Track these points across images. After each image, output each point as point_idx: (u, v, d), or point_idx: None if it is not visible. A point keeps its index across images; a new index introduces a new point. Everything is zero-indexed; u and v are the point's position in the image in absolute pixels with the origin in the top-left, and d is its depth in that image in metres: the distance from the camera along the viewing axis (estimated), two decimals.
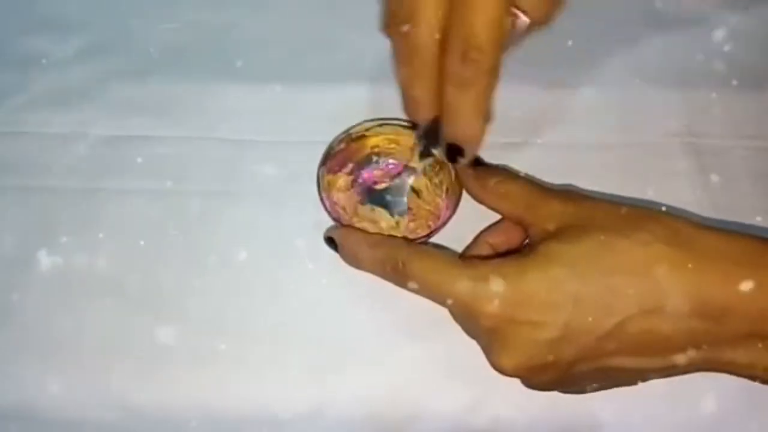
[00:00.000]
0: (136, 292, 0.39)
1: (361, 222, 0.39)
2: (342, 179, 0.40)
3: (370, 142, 0.40)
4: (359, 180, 0.41)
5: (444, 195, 0.39)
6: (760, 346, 0.29)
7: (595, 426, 0.37)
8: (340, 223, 0.38)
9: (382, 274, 0.35)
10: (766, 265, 0.29)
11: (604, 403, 0.36)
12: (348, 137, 0.40)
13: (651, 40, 0.46)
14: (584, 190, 0.40)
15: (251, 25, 0.47)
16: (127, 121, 0.44)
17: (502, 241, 0.37)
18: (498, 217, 0.38)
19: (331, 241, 0.37)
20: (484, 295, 0.31)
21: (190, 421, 0.36)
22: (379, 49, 0.41)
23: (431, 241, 0.38)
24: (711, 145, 0.43)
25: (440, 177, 0.40)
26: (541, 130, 0.43)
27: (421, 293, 0.33)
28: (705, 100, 0.44)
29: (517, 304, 0.30)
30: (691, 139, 0.43)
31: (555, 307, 0.30)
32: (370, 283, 0.36)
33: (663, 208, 0.35)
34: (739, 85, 0.44)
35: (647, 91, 0.44)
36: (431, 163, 0.39)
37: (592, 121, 0.43)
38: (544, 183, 0.40)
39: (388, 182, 0.41)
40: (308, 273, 0.39)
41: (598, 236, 0.31)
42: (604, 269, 0.30)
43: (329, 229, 0.38)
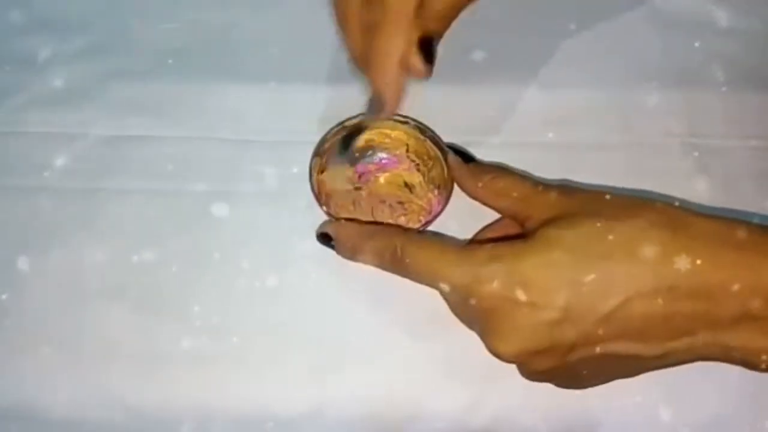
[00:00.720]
0: (136, 292, 0.39)
1: (354, 213, 0.39)
2: (334, 171, 0.40)
3: (364, 136, 0.41)
4: (352, 173, 0.41)
5: (436, 190, 0.40)
6: (753, 326, 0.29)
7: (594, 426, 0.37)
8: (332, 216, 0.38)
9: (380, 264, 0.35)
10: (758, 249, 0.29)
11: (604, 403, 0.36)
12: (340, 130, 0.40)
13: (651, 40, 0.46)
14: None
15: (251, 25, 0.47)
16: (127, 121, 0.44)
17: (503, 237, 0.37)
18: (488, 214, 0.38)
19: (325, 237, 0.37)
20: (483, 277, 0.31)
21: (190, 421, 0.36)
22: None
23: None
24: (711, 145, 0.43)
25: (433, 173, 0.40)
26: (541, 130, 0.43)
27: (420, 279, 0.33)
28: (705, 100, 0.44)
29: (516, 286, 0.30)
30: (691, 139, 0.43)
31: (554, 289, 0.30)
32: (370, 282, 0.36)
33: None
34: (739, 85, 0.44)
35: (647, 91, 0.44)
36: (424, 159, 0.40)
37: (592, 121, 0.43)
38: (553, 181, 0.40)
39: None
40: (308, 273, 0.39)
41: (595, 222, 0.31)
42: (601, 253, 0.30)
43: (322, 225, 0.38)
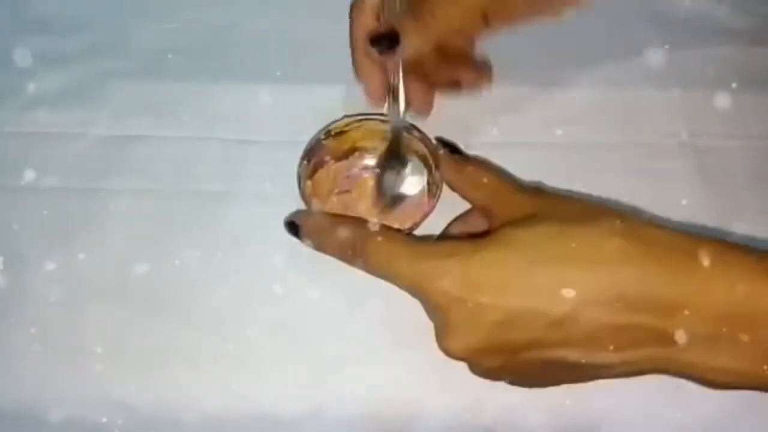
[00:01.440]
0: (136, 292, 0.39)
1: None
2: (322, 175, 0.40)
3: (351, 138, 0.40)
4: (340, 176, 0.41)
5: (427, 189, 0.40)
6: (706, 344, 0.29)
7: (594, 426, 0.37)
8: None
9: (342, 257, 0.35)
10: (714, 264, 0.29)
11: (604, 403, 0.36)
12: (327, 133, 0.40)
13: (651, 40, 0.46)
14: (582, 192, 0.40)
15: (251, 25, 0.47)
16: (126, 121, 0.44)
17: (467, 232, 0.38)
18: None
19: (292, 226, 0.36)
20: (437, 274, 0.31)
21: (190, 421, 0.36)
22: None
23: None
24: (711, 145, 0.43)
25: (427, 172, 0.40)
26: (541, 130, 0.43)
27: (377, 274, 0.33)
28: (705, 100, 0.44)
29: (466, 284, 0.30)
30: (691, 139, 0.43)
31: (504, 289, 0.30)
32: (371, 282, 0.36)
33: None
34: (739, 85, 0.44)
35: (647, 91, 0.44)
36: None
37: (592, 121, 0.43)
38: (543, 183, 0.40)
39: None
40: (308, 272, 0.39)
41: (554, 225, 0.31)
42: (557, 256, 0.30)
43: (291, 214, 0.37)
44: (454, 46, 0.41)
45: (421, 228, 0.38)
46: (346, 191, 0.41)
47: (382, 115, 0.40)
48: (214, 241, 0.40)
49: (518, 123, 0.43)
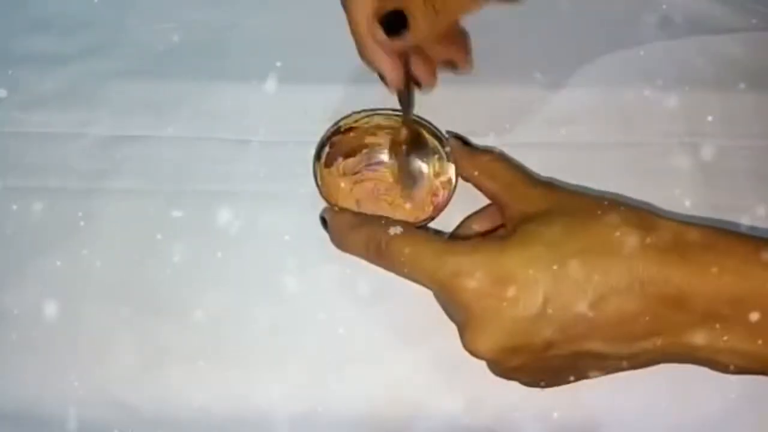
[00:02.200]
0: (135, 292, 0.39)
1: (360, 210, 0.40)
2: (337, 171, 0.41)
3: (361, 133, 0.41)
4: (355, 171, 0.41)
5: (438, 182, 0.40)
6: (718, 327, 0.30)
7: (593, 426, 0.37)
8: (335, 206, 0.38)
9: (365, 255, 0.35)
10: (723, 251, 0.30)
11: (603, 403, 0.36)
12: (337, 129, 0.40)
13: (651, 40, 0.46)
14: (581, 188, 0.40)
15: (251, 25, 0.47)
16: (127, 121, 0.44)
17: (487, 226, 0.38)
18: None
19: (324, 222, 0.37)
20: (464, 272, 0.31)
21: (190, 421, 0.36)
22: None
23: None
24: (711, 145, 0.43)
25: (434, 164, 0.40)
26: (542, 130, 0.43)
27: (402, 273, 0.33)
28: (705, 100, 0.44)
29: (496, 281, 0.30)
30: (691, 139, 0.43)
31: (533, 284, 0.30)
32: (371, 282, 0.36)
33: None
34: (739, 85, 0.44)
35: (647, 91, 0.44)
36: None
37: (592, 121, 0.43)
38: (542, 178, 0.40)
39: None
40: (308, 273, 0.39)
41: (571, 219, 0.32)
42: (577, 249, 0.30)
43: (323, 210, 0.38)
44: (451, 27, 0.40)
45: (439, 228, 0.39)
46: (360, 182, 0.41)
47: (391, 109, 0.40)
48: (214, 241, 0.40)
49: (519, 123, 0.43)
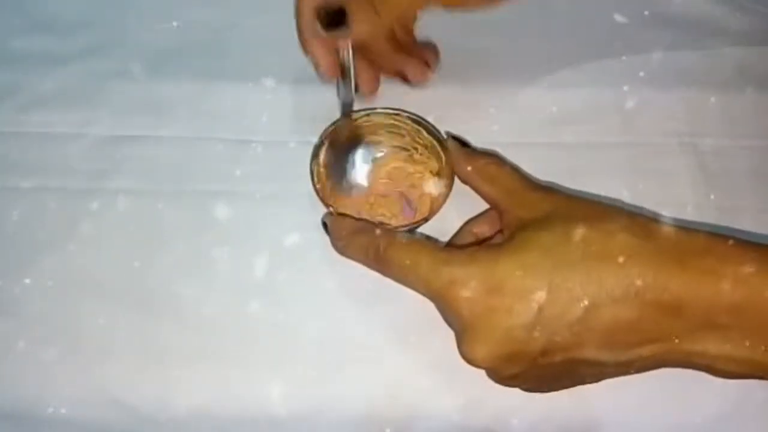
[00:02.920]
0: (135, 292, 0.39)
1: (356, 208, 0.40)
2: (335, 170, 0.41)
3: (359, 131, 0.41)
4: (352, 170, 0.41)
5: (436, 180, 0.40)
6: (716, 334, 0.29)
7: (594, 426, 0.37)
8: (335, 212, 0.38)
9: (365, 261, 0.35)
10: (721, 258, 0.30)
11: (604, 404, 0.36)
12: (336, 128, 0.40)
13: (651, 40, 0.46)
14: (581, 190, 0.40)
15: (251, 25, 0.47)
16: (127, 121, 0.44)
17: (486, 231, 0.38)
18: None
19: (325, 227, 0.37)
20: (459, 281, 0.31)
21: (190, 421, 0.36)
22: None
23: (421, 231, 0.39)
24: (711, 145, 0.43)
25: (431, 163, 0.40)
26: (542, 130, 0.43)
27: (400, 280, 0.33)
28: (705, 100, 0.44)
29: (491, 290, 0.30)
30: (691, 139, 0.43)
31: (528, 292, 0.30)
32: (371, 282, 0.36)
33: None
34: (739, 85, 0.44)
35: (647, 91, 0.44)
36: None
37: (592, 121, 0.43)
38: (541, 182, 0.40)
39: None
40: (308, 273, 0.39)
41: (568, 225, 0.31)
42: (573, 256, 0.30)
43: (325, 215, 0.38)
44: (401, 37, 0.41)
45: (435, 228, 0.39)
46: (358, 183, 0.41)
47: (389, 108, 0.40)
48: (214, 241, 0.40)
49: (519, 123, 0.43)
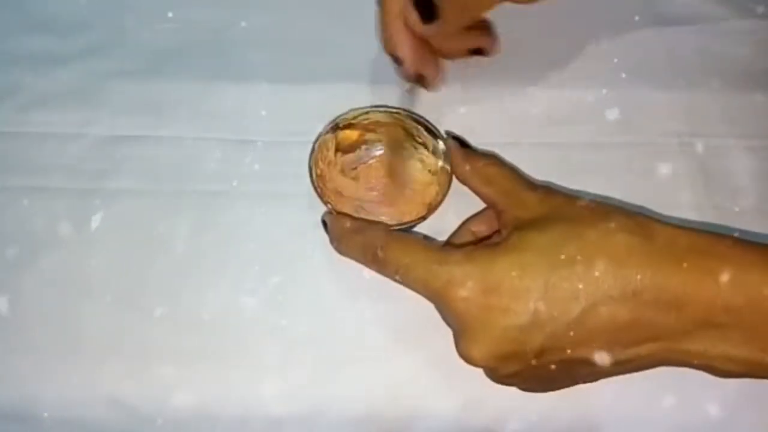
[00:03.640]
0: (135, 292, 0.39)
1: (355, 206, 0.40)
2: (331, 167, 0.40)
3: (358, 129, 0.41)
4: (349, 167, 0.41)
5: (434, 178, 0.40)
6: (714, 333, 0.30)
7: (594, 426, 0.37)
8: (335, 211, 0.38)
9: (363, 261, 0.35)
10: (720, 257, 0.30)
11: (604, 404, 0.36)
12: (335, 126, 0.40)
13: (651, 40, 0.46)
14: (580, 190, 0.40)
15: (251, 25, 0.47)
16: (126, 121, 0.44)
17: (484, 230, 0.38)
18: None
19: (326, 225, 0.38)
20: (456, 281, 0.31)
21: (190, 421, 0.36)
22: (379, 49, 0.41)
23: (420, 230, 0.39)
24: (711, 145, 0.43)
25: (429, 161, 0.40)
26: (542, 130, 0.43)
27: (397, 279, 0.34)
28: (705, 100, 0.44)
29: (488, 290, 0.30)
30: (691, 139, 0.43)
31: (525, 292, 0.30)
32: (371, 282, 0.36)
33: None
34: (739, 85, 0.44)
35: (647, 91, 0.44)
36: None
37: (592, 121, 0.43)
38: (539, 182, 0.40)
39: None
40: (308, 273, 0.39)
41: (566, 226, 0.31)
42: (571, 256, 0.30)
43: (324, 213, 0.38)
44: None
45: (433, 227, 0.39)
46: (355, 179, 0.41)
47: (389, 106, 0.40)
48: (214, 241, 0.40)
49: (518, 123, 0.43)
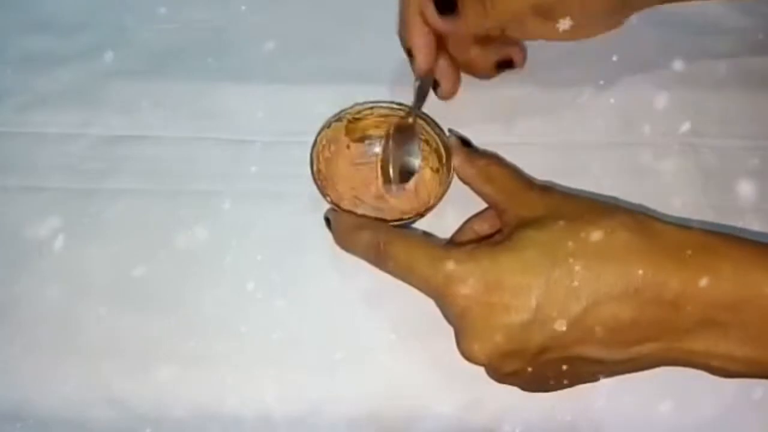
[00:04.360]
0: (134, 292, 0.39)
1: (355, 202, 0.40)
2: (333, 161, 0.41)
3: (362, 124, 0.41)
4: (351, 162, 0.41)
5: (435, 175, 0.40)
6: (715, 332, 0.30)
7: (594, 426, 0.37)
8: (335, 206, 0.38)
9: (366, 258, 0.35)
10: (720, 255, 0.30)
11: (604, 404, 0.36)
12: (339, 120, 0.40)
13: (651, 39, 0.46)
14: (581, 190, 0.40)
15: (250, 25, 0.47)
16: (126, 121, 0.44)
17: (487, 228, 0.38)
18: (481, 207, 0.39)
19: (329, 222, 0.38)
20: (457, 278, 0.31)
21: (190, 421, 0.36)
22: (379, 49, 0.42)
23: (420, 230, 0.39)
24: (711, 145, 0.43)
25: (431, 158, 0.40)
26: (542, 130, 0.43)
27: (400, 277, 0.34)
28: (705, 100, 0.44)
29: (489, 287, 0.31)
30: (691, 139, 0.43)
31: (526, 290, 0.30)
32: (371, 282, 0.36)
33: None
34: (739, 85, 0.44)
35: (647, 91, 0.44)
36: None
37: (592, 121, 0.43)
38: (540, 181, 0.40)
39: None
40: (307, 273, 0.39)
41: (567, 223, 0.31)
42: (572, 254, 0.30)
43: (327, 210, 0.38)
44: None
45: (434, 226, 0.39)
46: (357, 172, 0.41)
47: (391, 102, 0.40)
48: (214, 241, 0.40)
49: (519, 123, 0.43)
